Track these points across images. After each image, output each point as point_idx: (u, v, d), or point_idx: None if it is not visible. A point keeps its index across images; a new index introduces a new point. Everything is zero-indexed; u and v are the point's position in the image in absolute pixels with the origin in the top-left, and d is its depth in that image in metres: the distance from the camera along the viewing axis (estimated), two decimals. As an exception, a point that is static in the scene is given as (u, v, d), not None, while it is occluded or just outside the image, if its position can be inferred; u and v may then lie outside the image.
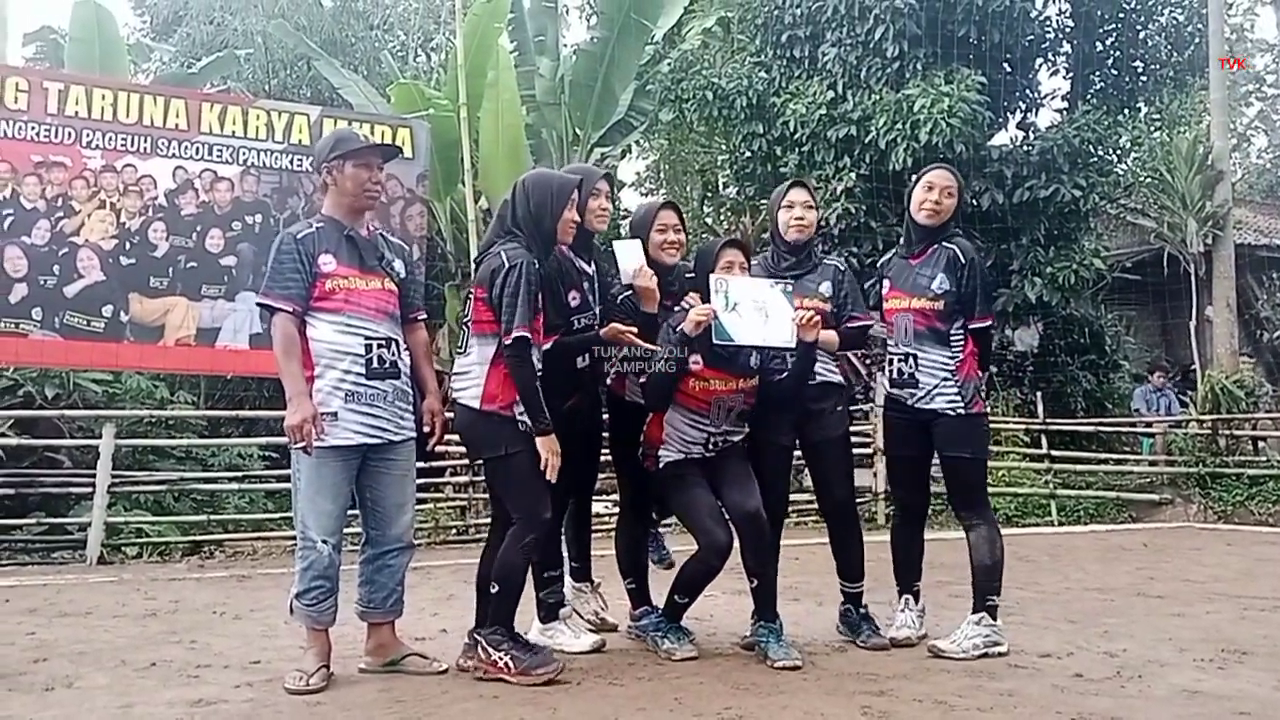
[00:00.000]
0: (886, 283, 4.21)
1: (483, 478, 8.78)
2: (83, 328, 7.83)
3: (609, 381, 4.10)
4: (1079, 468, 10.29)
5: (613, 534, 4.41)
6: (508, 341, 3.51)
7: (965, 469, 4.08)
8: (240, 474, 8.95)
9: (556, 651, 3.95)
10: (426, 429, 3.81)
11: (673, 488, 3.94)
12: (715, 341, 3.74)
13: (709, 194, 15.96)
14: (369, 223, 3.82)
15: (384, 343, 3.64)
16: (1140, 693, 3.43)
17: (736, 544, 3.82)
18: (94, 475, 7.72)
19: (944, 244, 4.09)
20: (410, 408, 3.75)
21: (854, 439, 5.89)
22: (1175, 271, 12.00)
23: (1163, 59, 12.38)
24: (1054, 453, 10.17)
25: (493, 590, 3.62)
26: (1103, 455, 10.75)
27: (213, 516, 8.43)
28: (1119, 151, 12.24)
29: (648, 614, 4.20)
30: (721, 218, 14.85)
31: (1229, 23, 17.26)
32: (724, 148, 13.23)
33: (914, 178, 4.25)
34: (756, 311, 3.79)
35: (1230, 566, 6.63)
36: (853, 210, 10.78)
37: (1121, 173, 12.51)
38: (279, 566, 7.18)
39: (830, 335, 4.06)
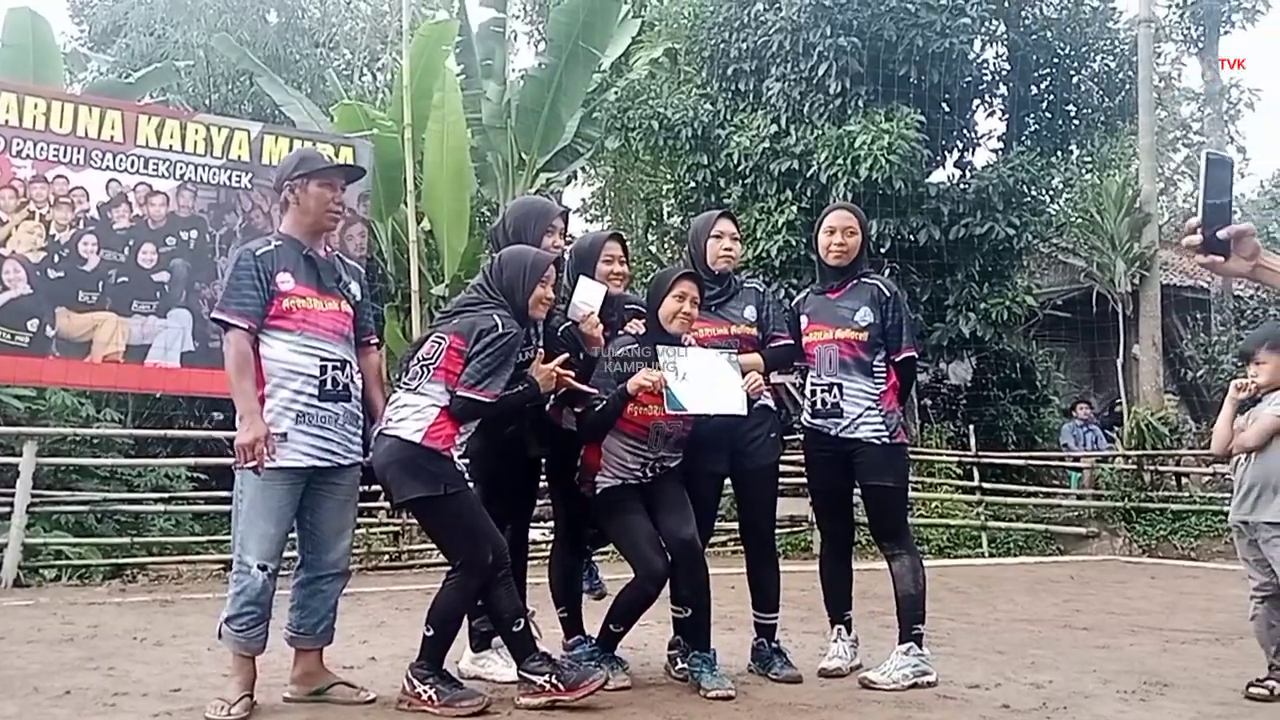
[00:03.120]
0: (804, 319, 4.25)
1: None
2: (6, 341, 7.60)
3: (547, 409, 4.07)
4: (1009, 500, 10.49)
5: (548, 562, 4.38)
6: (468, 395, 3.49)
7: (888, 498, 4.15)
8: (167, 495, 8.72)
9: (488, 680, 3.92)
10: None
11: (610, 514, 3.92)
12: (668, 411, 3.76)
13: (653, 222, 16.06)
14: (326, 244, 3.78)
15: (338, 364, 3.59)
16: (1064, 724, 3.49)
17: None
18: (12, 494, 7.47)
19: (863, 279, 4.20)
20: (360, 432, 3.69)
21: (790, 467, 5.95)
22: (1104, 310, 12.33)
23: (1094, 104, 12.79)
24: (985, 485, 10.36)
25: (427, 634, 3.56)
26: (1032, 488, 10.97)
27: (136, 539, 8.19)
28: (1051, 192, 12.58)
29: (581, 643, 4.16)
30: (665, 246, 14.94)
31: (1158, 71, 17.88)
32: (669, 177, 13.34)
33: (816, 222, 4.34)
34: (706, 381, 3.83)
35: (1153, 599, 6.79)
36: (794, 243, 10.92)
37: (1053, 213, 12.86)
38: (204, 591, 7.00)
39: (755, 359, 4.11)
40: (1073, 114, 12.88)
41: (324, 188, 3.66)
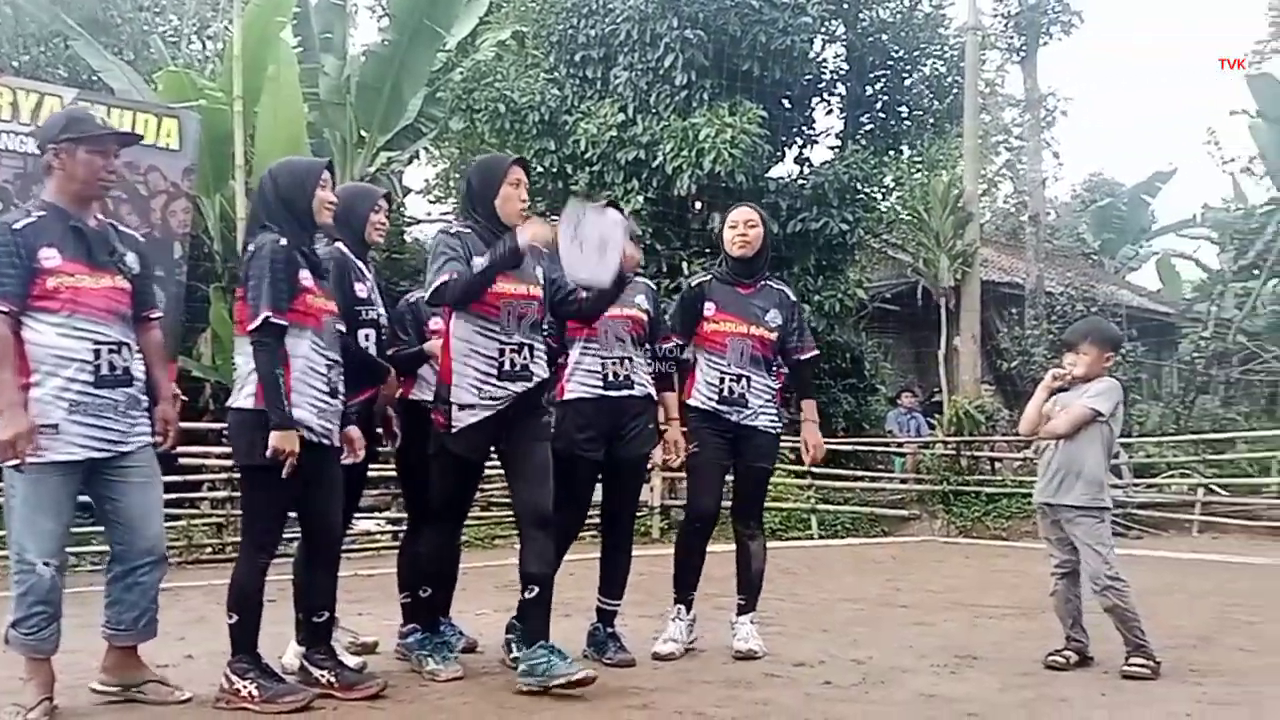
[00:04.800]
0: (711, 305, 4.34)
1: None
2: None
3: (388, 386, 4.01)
4: (838, 484, 10.91)
5: (382, 554, 4.30)
6: (251, 327, 3.32)
7: (765, 480, 4.50)
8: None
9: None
10: (158, 439, 3.48)
11: (444, 459, 3.72)
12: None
13: (499, 207, 15.83)
14: (96, 212, 3.46)
15: (115, 347, 3.30)
16: (882, 698, 3.66)
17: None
18: None
19: (770, 284, 4.45)
20: (144, 414, 3.43)
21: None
22: (928, 303, 12.96)
23: (925, 106, 13.40)
24: (815, 470, 10.72)
25: (230, 621, 3.44)
26: (860, 473, 11.44)
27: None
28: (883, 190, 13.12)
29: (415, 632, 4.12)
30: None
31: (983, 77, 18.84)
32: (515, 161, 13.18)
33: (721, 220, 4.56)
34: (595, 248, 3.66)
35: (967, 578, 7.20)
36: (639, 232, 11.00)
37: (885, 210, 13.42)
38: None
39: (671, 401, 4.31)
40: (905, 115, 13.45)
41: (94, 154, 3.35)
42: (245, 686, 3.35)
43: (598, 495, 4.34)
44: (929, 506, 10.64)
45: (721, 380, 4.29)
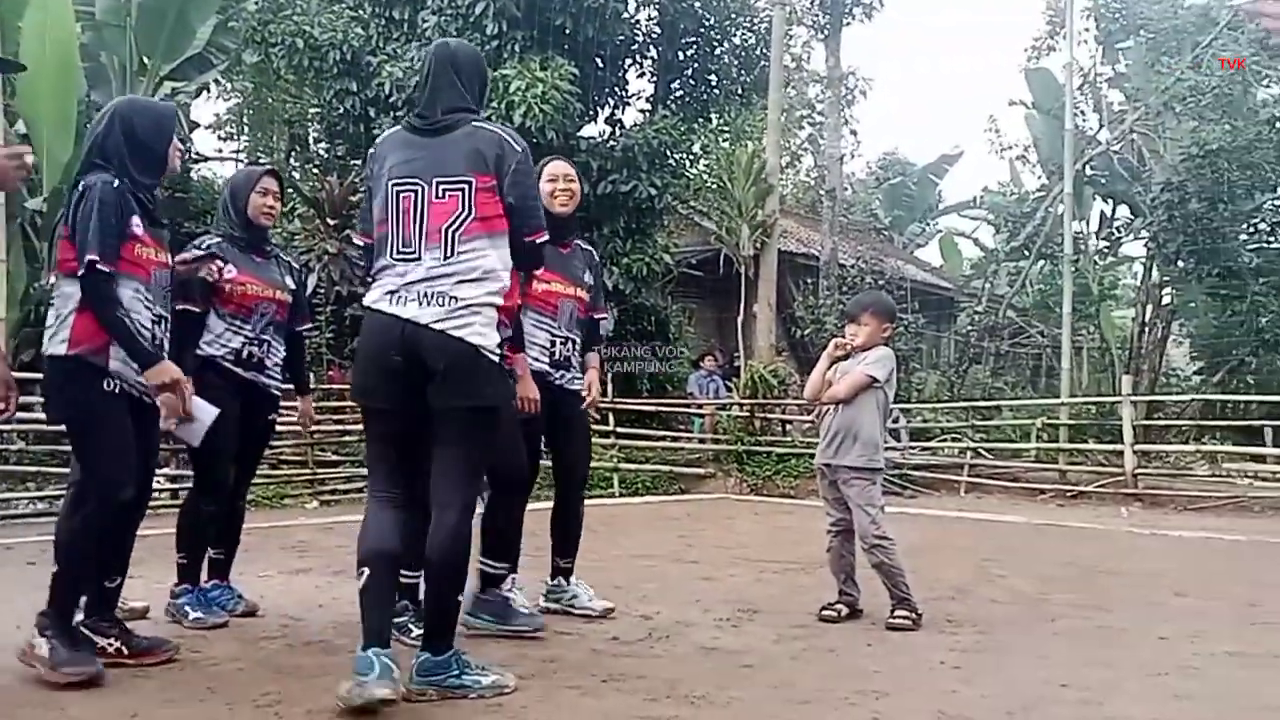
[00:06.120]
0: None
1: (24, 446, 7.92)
2: None
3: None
4: (640, 444, 11.13)
5: (159, 513, 4.06)
6: (80, 271, 3.10)
7: (589, 445, 4.56)
8: None
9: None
10: None
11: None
12: None
13: (297, 147, 15.13)
14: None
15: None
16: (665, 652, 3.76)
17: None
18: None
19: (579, 244, 4.38)
20: None
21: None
22: (730, 271, 13.34)
23: (733, 76, 13.67)
24: (620, 429, 10.91)
25: (55, 570, 3.18)
26: (661, 433, 11.71)
27: None
28: (691, 157, 13.35)
29: (188, 591, 4.00)
30: (308, 174, 14.14)
31: (790, 52, 19.41)
32: (315, 101, 12.61)
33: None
34: None
35: (755, 534, 7.50)
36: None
37: (692, 176, 13.66)
38: None
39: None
40: (714, 83, 13.69)
41: None
42: (41, 645, 3.10)
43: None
44: (724, 465, 11.01)
45: (552, 343, 4.21)
